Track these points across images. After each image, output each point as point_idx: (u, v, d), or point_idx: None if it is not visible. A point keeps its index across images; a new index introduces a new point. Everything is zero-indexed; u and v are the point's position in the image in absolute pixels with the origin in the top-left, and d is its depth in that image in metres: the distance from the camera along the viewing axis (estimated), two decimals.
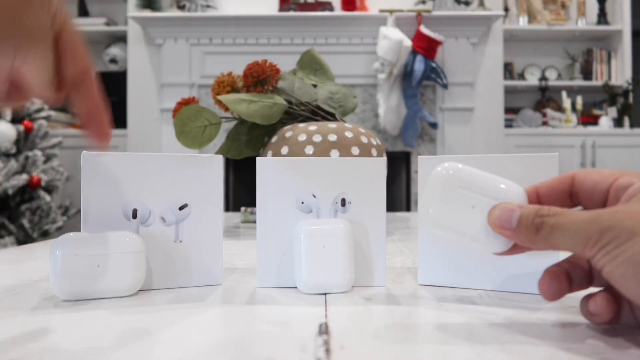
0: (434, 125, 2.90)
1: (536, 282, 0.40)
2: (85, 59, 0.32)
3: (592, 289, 0.31)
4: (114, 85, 3.15)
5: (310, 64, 0.96)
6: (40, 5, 0.28)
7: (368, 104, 2.99)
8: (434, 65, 2.86)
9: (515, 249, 0.31)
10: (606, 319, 0.29)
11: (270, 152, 0.81)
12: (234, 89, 0.89)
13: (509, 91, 3.36)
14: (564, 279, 0.31)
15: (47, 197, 2.38)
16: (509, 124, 3.30)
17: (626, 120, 3.27)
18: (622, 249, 0.25)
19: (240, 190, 3.13)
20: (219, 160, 0.43)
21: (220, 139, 2.58)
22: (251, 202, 0.79)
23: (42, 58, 0.29)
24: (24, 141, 2.37)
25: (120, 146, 2.99)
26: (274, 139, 0.82)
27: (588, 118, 3.33)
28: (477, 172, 0.32)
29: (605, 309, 0.29)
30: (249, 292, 0.41)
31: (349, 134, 0.79)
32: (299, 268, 0.40)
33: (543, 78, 3.38)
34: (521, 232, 0.28)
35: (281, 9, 2.98)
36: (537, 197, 0.32)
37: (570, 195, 0.31)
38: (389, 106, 2.87)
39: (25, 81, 0.29)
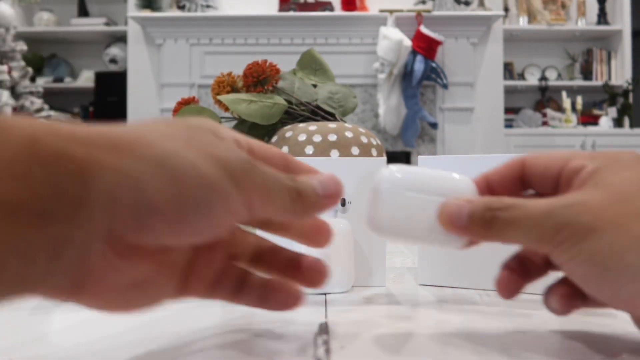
0: (434, 125, 2.90)
1: (536, 282, 0.39)
2: (273, 148, 0.28)
3: (553, 275, 0.29)
4: (114, 85, 3.15)
5: (310, 64, 0.96)
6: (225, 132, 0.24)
7: (368, 104, 2.99)
8: (434, 65, 2.86)
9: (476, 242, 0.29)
10: (568, 312, 0.28)
11: None
12: (234, 89, 0.89)
13: (509, 91, 3.36)
14: (521, 273, 0.29)
15: None
16: (509, 124, 3.30)
17: (626, 120, 3.26)
18: (580, 247, 0.24)
19: None
20: None
21: None
22: None
23: (259, 176, 0.24)
24: None
25: None
26: (274, 139, 0.82)
27: (588, 118, 3.33)
28: (423, 171, 0.30)
29: (566, 306, 0.27)
30: None
31: (349, 134, 0.79)
32: None
33: (543, 78, 3.38)
34: (473, 228, 0.26)
35: (281, 9, 2.98)
36: (487, 186, 0.30)
37: (522, 181, 0.29)
38: (389, 106, 2.87)
39: (265, 212, 0.24)
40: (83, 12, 3.37)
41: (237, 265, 0.28)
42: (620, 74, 3.35)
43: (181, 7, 3.00)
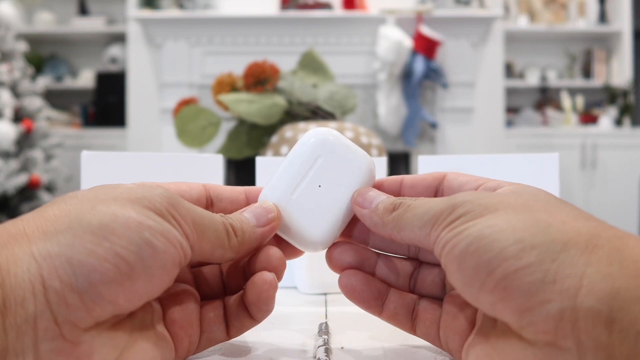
0: (434, 125, 2.90)
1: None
2: (187, 184, 0.29)
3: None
4: (114, 85, 3.15)
5: (311, 64, 0.96)
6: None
7: (368, 104, 2.99)
8: (434, 65, 2.86)
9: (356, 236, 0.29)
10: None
11: (270, 152, 0.81)
12: (234, 89, 0.89)
13: (509, 91, 3.36)
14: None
15: (47, 197, 2.39)
16: (509, 124, 3.30)
17: (627, 120, 3.27)
18: (470, 223, 0.21)
19: None
20: (219, 160, 0.43)
21: (220, 139, 2.58)
22: None
23: (185, 207, 0.23)
24: (24, 141, 2.37)
25: (120, 146, 2.99)
26: (274, 139, 0.82)
27: (588, 118, 3.33)
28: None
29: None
30: None
31: (349, 134, 0.79)
32: (299, 268, 0.40)
33: (543, 78, 3.38)
34: (377, 211, 0.26)
35: (284, 8, 2.98)
36: (400, 186, 0.28)
37: (436, 192, 0.28)
38: (389, 106, 2.87)
39: (202, 250, 0.23)
40: (83, 11, 3.37)
41: (219, 305, 0.26)
42: (620, 74, 3.35)
43: (181, 6, 3.00)
